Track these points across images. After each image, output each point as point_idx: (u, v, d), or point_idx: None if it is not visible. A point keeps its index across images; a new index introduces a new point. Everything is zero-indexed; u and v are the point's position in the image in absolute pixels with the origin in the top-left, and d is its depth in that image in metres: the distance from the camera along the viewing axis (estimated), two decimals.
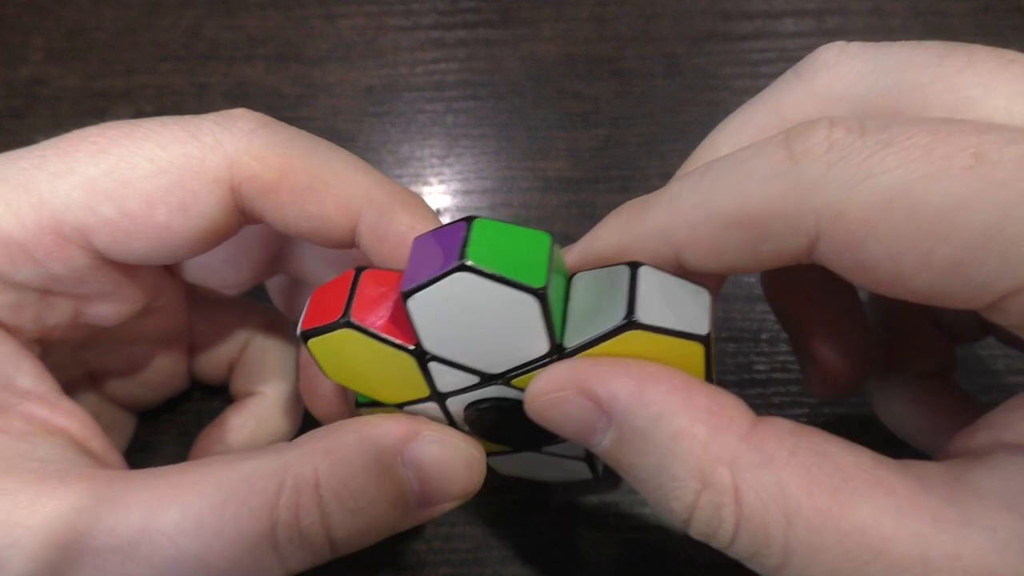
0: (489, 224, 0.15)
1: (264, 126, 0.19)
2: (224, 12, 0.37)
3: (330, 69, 0.36)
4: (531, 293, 0.15)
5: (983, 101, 0.16)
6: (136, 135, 0.18)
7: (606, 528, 0.25)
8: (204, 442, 0.24)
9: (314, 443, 0.17)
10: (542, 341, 0.16)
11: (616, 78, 0.35)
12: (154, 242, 0.18)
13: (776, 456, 0.15)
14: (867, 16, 0.36)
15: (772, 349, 0.28)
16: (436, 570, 0.24)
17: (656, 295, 0.16)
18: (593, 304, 0.16)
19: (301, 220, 0.19)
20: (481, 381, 0.17)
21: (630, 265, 0.16)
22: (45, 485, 0.17)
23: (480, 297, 0.15)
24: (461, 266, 0.15)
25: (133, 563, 0.16)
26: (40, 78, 0.35)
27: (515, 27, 0.36)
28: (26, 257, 0.18)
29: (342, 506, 0.17)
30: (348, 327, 0.17)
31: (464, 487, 0.18)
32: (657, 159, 0.33)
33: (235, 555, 0.16)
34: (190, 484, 0.17)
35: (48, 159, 0.18)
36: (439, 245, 0.15)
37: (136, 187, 0.18)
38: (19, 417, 0.18)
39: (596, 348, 0.16)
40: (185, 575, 0.16)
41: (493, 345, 0.16)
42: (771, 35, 0.36)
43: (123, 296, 0.20)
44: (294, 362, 0.25)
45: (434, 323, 0.16)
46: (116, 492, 0.17)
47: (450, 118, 0.34)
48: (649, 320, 0.15)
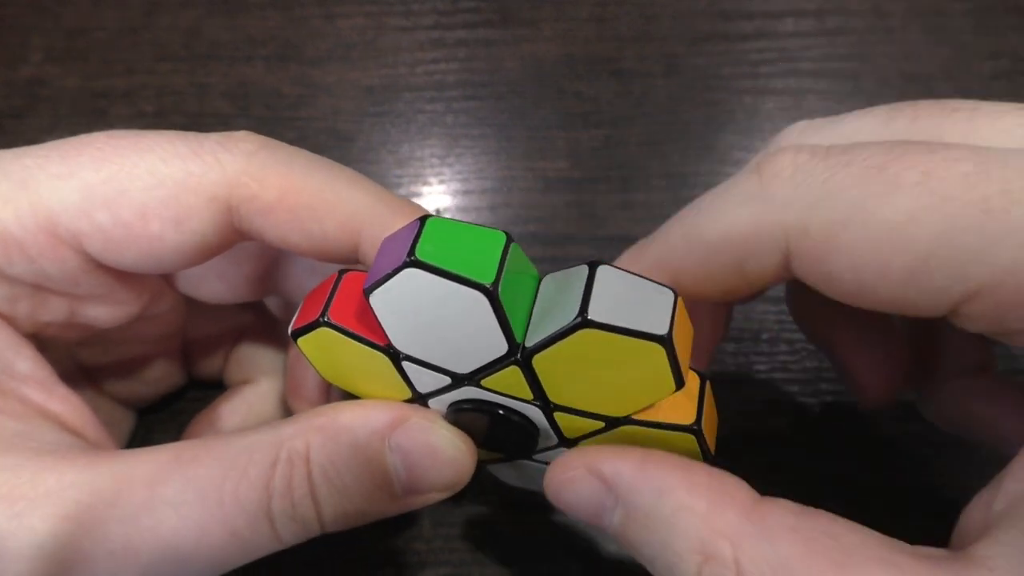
0: (442, 222, 0.15)
1: (265, 147, 0.19)
2: (224, 12, 0.37)
3: (330, 69, 0.36)
4: (479, 290, 0.15)
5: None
6: (140, 146, 0.18)
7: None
8: (196, 427, 0.24)
9: (310, 419, 0.18)
10: (499, 340, 0.16)
11: (616, 78, 0.35)
12: (145, 252, 0.18)
13: (777, 531, 0.15)
14: (867, 16, 0.36)
15: (772, 349, 0.28)
16: (436, 570, 0.24)
17: (613, 294, 0.15)
18: (552, 304, 0.16)
19: (302, 239, 0.19)
20: (453, 382, 0.17)
21: (589, 264, 0.16)
22: (46, 461, 0.17)
23: (433, 294, 0.15)
24: (409, 262, 0.15)
25: (137, 533, 0.16)
26: (40, 78, 0.35)
27: (515, 27, 0.36)
28: (20, 253, 0.18)
29: (329, 483, 0.17)
30: (326, 326, 0.17)
31: (449, 478, 0.18)
32: (657, 159, 0.33)
33: (234, 526, 0.17)
34: (191, 457, 0.17)
35: (51, 160, 0.18)
36: (399, 243, 0.15)
37: (132, 197, 0.18)
38: (17, 400, 0.19)
39: (553, 349, 0.16)
40: (187, 545, 0.16)
41: (456, 344, 0.16)
42: (771, 35, 0.36)
43: (117, 300, 0.20)
44: (283, 353, 0.26)
45: (398, 321, 0.16)
46: (117, 467, 0.17)
47: (450, 118, 0.34)
48: (601, 319, 0.15)
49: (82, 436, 0.19)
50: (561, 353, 0.16)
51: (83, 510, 0.16)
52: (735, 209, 0.17)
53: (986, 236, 0.14)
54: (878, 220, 0.15)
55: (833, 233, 0.16)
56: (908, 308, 0.16)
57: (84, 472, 0.17)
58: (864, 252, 0.15)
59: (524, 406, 0.18)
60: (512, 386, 0.17)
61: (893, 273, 0.15)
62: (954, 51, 0.35)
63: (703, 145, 0.33)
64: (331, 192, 0.19)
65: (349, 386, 0.19)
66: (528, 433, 0.18)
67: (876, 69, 0.35)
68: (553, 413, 0.18)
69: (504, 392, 0.17)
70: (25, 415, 0.18)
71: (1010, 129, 0.16)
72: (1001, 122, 0.16)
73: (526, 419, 0.18)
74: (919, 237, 0.15)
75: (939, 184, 0.15)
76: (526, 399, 0.17)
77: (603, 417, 0.17)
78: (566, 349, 0.15)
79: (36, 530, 0.16)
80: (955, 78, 0.34)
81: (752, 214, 0.17)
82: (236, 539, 0.17)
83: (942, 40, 0.35)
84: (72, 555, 0.16)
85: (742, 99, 0.34)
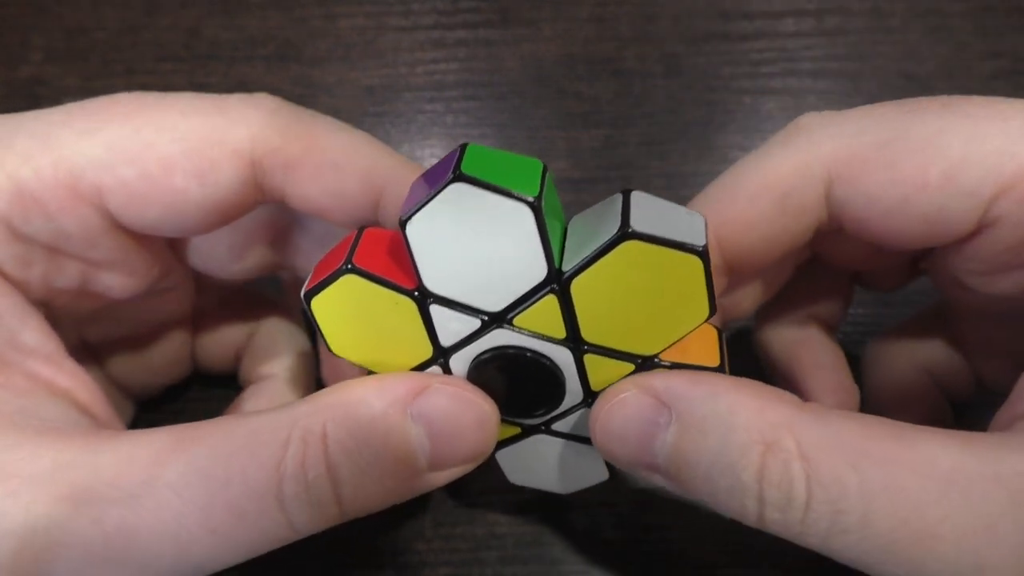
0: (483, 148, 0.16)
1: (288, 106, 0.19)
2: (224, 12, 0.37)
3: (330, 69, 0.36)
4: (525, 203, 0.15)
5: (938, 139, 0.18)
6: (164, 104, 0.19)
7: (606, 528, 0.25)
8: None
9: (323, 397, 0.17)
10: (539, 263, 0.16)
11: (616, 78, 0.35)
12: (167, 208, 0.18)
13: (830, 417, 0.16)
14: (867, 16, 0.36)
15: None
16: (436, 570, 0.24)
17: (650, 212, 0.16)
18: (589, 232, 0.16)
19: (322, 196, 0.19)
20: (483, 325, 0.17)
21: (623, 191, 0.17)
22: (46, 439, 0.16)
23: (476, 212, 0.15)
24: (457, 177, 0.15)
25: (135, 516, 0.15)
26: (40, 78, 0.35)
27: (515, 27, 0.36)
28: (38, 210, 0.18)
29: (349, 459, 0.16)
30: (351, 272, 0.17)
31: (476, 446, 0.18)
32: (657, 159, 0.33)
33: (241, 509, 0.16)
34: (197, 437, 0.16)
35: (74, 116, 0.18)
36: (435, 175, 0.16)
37: (157, 150, 0.18)
38: (22, 374, 0.18)
39: (595, 267, 0.16)
40: (190, 529, 0.16)
41: (492, 274, 0.16)
42: (771, 35, 0.36)
43: (132, 268, 0.20)
44: (304, 345, 0.25)
45: (433, 252, 0.16)
46: (119, 447, 0.16)
47: (450, 118, 0.34)
48: (644, 230, 0.15)
49: (90, 413, 0.19)
50: (600, 273, 0.16)
51: (80, 491, 0.16)
52: (772, 154, 0.19)
53: (1011, 135, 0.17)
54: (912, 135, 0.17)
55: (873, 153, 0.17)
56: (942, 222, 0.17)
57: (84, 452, 0.16)
58: (903, 164, 0.17)
59: (555, 349, 0.18)
60: (546, 322, 0.17)
61: (932, 180, 0.17)
62: (954, 51, 0.35)
63: (703, 145, 0.33)
64: (354, 150, 0.19)
65: (362, 355, 0.19)
66: (556, 380, 0.18)
67: (876, 69, 0.35)
68: (584, 356, 0.18)
69: (535, 332, 0.17)
70: (30, 390, 0.18)
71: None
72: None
73: (554, 364, 0.18)
74: (952, 143, 0.17)
75: (959, 107, 0.17)
76: (558, 339, 0.17)
77: (633, 357, 0.18)
78: (606, 268, 0.16)
79: (30, 510, 0.15)
80: (955, 78, 0.34)
81: (790, 153, 0.18)
82: (243, 524, 0.16)
83: (942, 40, 0.35)
84: (66, 538, 0.15)
85: (742, 99, 0.34)
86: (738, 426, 0.16)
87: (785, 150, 0.18)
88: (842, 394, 0.22)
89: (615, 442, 0.17)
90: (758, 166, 0.19)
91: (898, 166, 0.17)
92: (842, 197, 0.18)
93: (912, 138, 0.17)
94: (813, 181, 0.18)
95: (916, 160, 0.17)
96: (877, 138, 0.17)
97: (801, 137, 0.18)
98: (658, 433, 0.17)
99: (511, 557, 0.24)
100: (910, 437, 0.15)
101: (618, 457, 0.18)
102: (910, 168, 0.17)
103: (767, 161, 0.19)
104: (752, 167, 0.19)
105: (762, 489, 0.15)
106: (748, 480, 0.15)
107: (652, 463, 0.17)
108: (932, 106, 0.18)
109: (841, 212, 0.18)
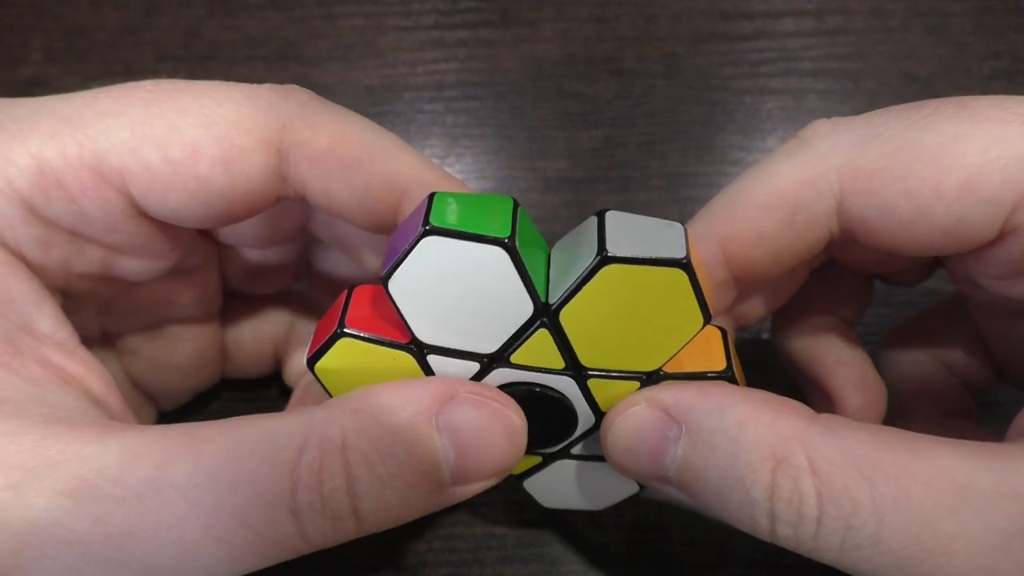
0: (449, 195, 0.16)
1: (318, 99, 0.19)
2: (224, 12, 0.37)
3: (330, 69, 0.36)
4: (498, 245, 0.15)
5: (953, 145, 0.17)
6: (192, 90, 0.18)
7: (607, 529, 0.25)
8: None
9: (344, 403, 0.16)
10: (524, 300, 0.16)
11: (616, 78, 0.35)
12: (191, 195, 0.18)
13: (842, 430, 0.15)
14: (867, 16, 0.36)
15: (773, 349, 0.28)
16: (436, 570, 0.24)
17: (626, 232, 0.16)
18: (570, 259, 0.16)
19: (345, 193, 0.18)
20: (483, 366, 0.17)
21: (597, 214, 0.16)
22: (53, 430, 0.16)
23: (452, 262, 0.15)
24: (427, 231, 0.15)
25: (138, 516, 0.15)
26: (40, 78, 0.35)
27: (515, 27, 0.36)
28: (61, 191, 0.17)
29: (370, 471, 0.15)
30: (344, 336, 0.17)
31: (503, 460, 0.17)
32: (657, 159, 0.33)
33: (249, 516, 0.15)
34: (207, 438, 0.16)
35: (100, 99, 0.18)
36: (406, 230, 0.16)
37: (184, 135, 0.18)
38: (35, 361, 0.17)
39: (580, 295, 0.16)
40: (193, 535, 0.15)
41: (480, 318, 0.16)
42: (771, 35, 0.36)
43: (154, 251, 0.20)
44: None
45: (418, 305, 0.16)
46: (126, 442, 0.16)
47: (450, 118, 0.34)
48: (621, 252, 0.15)
49: (103, 403, 0.18)
50: (586, 300, 0.16)
51: (83, 486, 0.15)
52: (781, 165, 0.18)
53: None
54: (926, 143, 0.16)
55: (884, 163, 0.17)
56: (961, 231, 0.16)
57: (90, 445, 0.15)
58: (917, 174, 0.16)
59: (558, 379, 0.18)
60: (543, 355, 0.17)
61: (947, 190, 0.16)
62: (954, 51, 0.35)
63: (703, 145, 0.33)
64: (381, 149, 0.19)
65: None
66: (566, 409, 0.18)
67: (876, 69, 0.35)
68: (587, 381, 0.18)
69: (535, 366, 0.17)
70: (42, 378, 0.17)
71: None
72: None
73: (562, 395, 0.18)
74: (968, 151, 0.16)
75: (974, 110, 0.16)
76: (558, 369, 0.17)
77: (636, 375, 0.18)
78: (591, 294, 0.16)
79: (31, 504, 0.15)
80: (955, 78, 0.34)
81: (799, 165, 0.18)
82: (250, 533, 0.15)
83: (942, 40, 0.35)
84: (65, 535, 0.15)
85: (742, 99, 0.34)
86: (747, 441, 0.15)
87: (793, 161, 0.18)
88: (868, 389, 0.22)
89: (627, 457, 0.17)
90: (765, 179, 0.18)
91: (912, 177, 0.16)
92: (854, 210, 0.17)
93: (926, 146, 0.16)
94: (823, 195, 0.17)
95: (931, 170, 0.16)
96: (889, 147, 0.17)
97: (809, 147, 0.18)
98: (668, 447, 0.16)
99: (511, 557, 0.24)
100: (923, 449, 0.15)
101: (631, 472, 0.18)
102: (925, 178, 0.16)
103: (774, 173, 0.18)
104: (759, 179, 0.18)
105: (773, 505, 0.15)
106: (759, 496, 0.15)
107: (664, 477, 0.17)
108: (946, 109, 0.17)
109: (853, 225, 0.18)
